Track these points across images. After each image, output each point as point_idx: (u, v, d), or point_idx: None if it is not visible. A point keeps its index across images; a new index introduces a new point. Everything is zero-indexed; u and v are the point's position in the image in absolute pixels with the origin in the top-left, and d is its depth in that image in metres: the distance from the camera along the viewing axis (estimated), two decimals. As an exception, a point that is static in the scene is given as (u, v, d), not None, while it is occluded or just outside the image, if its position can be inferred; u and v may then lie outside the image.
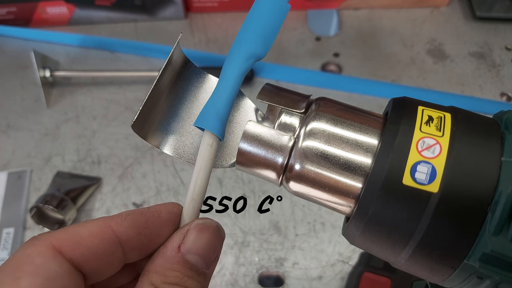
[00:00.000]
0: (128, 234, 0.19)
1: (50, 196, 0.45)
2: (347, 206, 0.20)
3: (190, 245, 0.20)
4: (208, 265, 0.20)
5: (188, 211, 0.21)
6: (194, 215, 0.21)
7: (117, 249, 0.19)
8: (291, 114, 0.21)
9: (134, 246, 0.20)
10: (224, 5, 0.63)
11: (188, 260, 0.19)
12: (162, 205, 0.21)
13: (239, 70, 0.21)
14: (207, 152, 0.21)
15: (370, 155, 0.19)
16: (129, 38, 0.62)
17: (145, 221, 0.20)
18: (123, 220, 0.19)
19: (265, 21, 0.21)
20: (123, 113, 0.55)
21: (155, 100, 0.22)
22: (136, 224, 0.20)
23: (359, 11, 0.64)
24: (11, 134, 0.54)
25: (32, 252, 0.17)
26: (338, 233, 0.46)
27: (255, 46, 0.21)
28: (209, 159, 0.21)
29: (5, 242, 0.46)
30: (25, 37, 0.63)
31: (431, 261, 0.19)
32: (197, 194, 0.21)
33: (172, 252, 0.20)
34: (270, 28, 0.21)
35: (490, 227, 0.17)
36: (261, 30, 0.21)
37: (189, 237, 0.20)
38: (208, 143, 0.21)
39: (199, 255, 0.20)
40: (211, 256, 0.20)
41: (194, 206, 0.21)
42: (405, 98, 0.21)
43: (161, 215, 0.20)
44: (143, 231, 0.20)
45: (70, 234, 0.18)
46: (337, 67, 0.59)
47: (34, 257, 0.17)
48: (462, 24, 0.62)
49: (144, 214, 0.20)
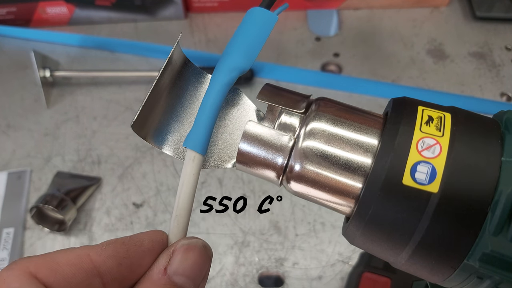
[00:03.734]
0: (107, 265, 0.19)
1: (50, 196, 0.45)
2: (347, 206, 0.20)
3: (176, 266, 0.19)
4: (196, 285, 0.20)
5: (173, 229, 0.21)
6: (179, 233, 0.21)
7: (95, 280, 0.19)
8: (291, 114, 0.21)
9: (114, 277, 0.19)
10: (224, 5, 0.63)
11: (175, 282, 0.19)
12: (145, 234, 0.20)
13: (221, 83, 0.21)
14: (189, 167, 0.21)
15: (370, 155, 0.19)
16: (129, 38, 0.62)
17: (126, 250, 0.19)
18: (103, 250, 0.19)
19: (248, 35, 0.22)
20: (123, 113, 0.55)
21: (155, 100, 0.22)
22: (116, 254, 0.19)
23: (359, 11, 0.64)
24: (11, 134, 0.54)
25: (8, 276, 0.17)
26: (338, 233, 0.46)
27: (238, 59, 0.22)
28: (192, 173, 0.21)
29: (5, 242, 0.46)
30: (25, 37, 0.63)
31: (431, 261, 0.19)
32: (181, 210, 0.21)
33: (159, 274, 0.19)
34: (253, 41, 0.22)
35: (490, 227, 0.17)
36: (244, 44, 0.22)
37: (175, 258, 0.20)
38: (190, 158, 0.21)
39: (187, 276, 0.19)
40: (199, 276, 0.20)
41: (179, 223, 0.21)
42: (405, 98, 0.21)
43: (143, 244, 0.20)
44: (124, 261, 0.19)
45: (47, 261, 0.18)
46: (337, 67, 0.59)
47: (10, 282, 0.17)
48: (462, 24, 0.62)
49: (126, 243, 0.20)
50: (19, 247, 0.46)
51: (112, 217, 0.48)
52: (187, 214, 0.21)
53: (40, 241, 0.46)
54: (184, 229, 0.21)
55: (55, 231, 0.46)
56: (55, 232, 0.46)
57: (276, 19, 0.22)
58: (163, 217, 0.47)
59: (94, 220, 0.47)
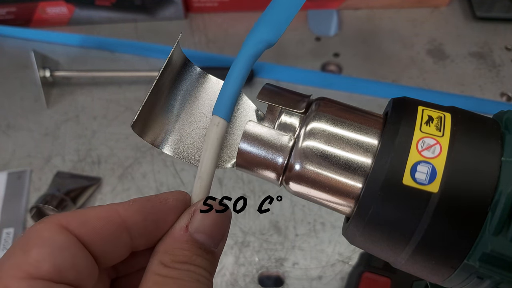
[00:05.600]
0: (134, 219, 0.20)
1: (50, 196, 0.45)
2: (347, 206, 0.20)
3: (197, 224, 0.20)
4: (216, 244, 0.21)
5: (195, 190, 0.21)
6: (201, 194, 0.21)
7: (123, 233, 0.20)
8: (291, 114, 0.21)
9: (140, 231, 0.20)
10: (224, 5, 0.63)
11: (196, 239, 0.20)
12: (170, 193, 0.21)
13: (248, 53, 0.22)
14: (214, 132, 0.21)
15: (370, 155, 0.19)
16: (129, 38, 0.62)
17: (151, 207, 0.20)
18: (130, 206, 0.20)
19: (278, 9, 0.23)
20: (123, 113, 0.55)
21: (155, 100, 0.22)
22: (142, 209, 0.20)
23: (359, 11, 0.64)
24: (11, 134, 0.54)
25: (40, 228, 0.18)
26: (338, 233, 0.46)
27: (265, 32, 0.22)
28: (215, 138, 0.21)
29: (5, 242, 0.46)
30: (25, 37, 0.63)
31: (431, 261, 0.19)
32: (204, 173, 0.21)
33: (180, 231, 0.20)
34: (282, 16, 0.23)
35: (490, 227, 0.17)
36: (273, 17, 0.22)
37: (196, 217, 0.20)
38: (214, 123, 0.21)
39: (207, 234, 0.20)
40: (219, 234, 0.21)
41: (201, 185, 0.21)
42: (405, 98, 0.21)
43: (168, 202, 0.21)
44: (149, 217, 0.20)
45: (77, 215, 0.19)
46: (337, 67, 0.59)
47: (42, 232, 0.18)
48: (462, 24, 0.62)
49: (151, 200, 0.21)
50: (19, 247, 0.46)
51: (112, 217, 0.47)
52: (209, 177, 0.21)
53: (40, 241, 0.46)
54: (206, 191, 0.21)
55: (55, 231, 0.46)
56: (55, 232, 0.46)
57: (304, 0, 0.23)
58: (163, 217, 0.47)
59: (94, 220, 0.47)
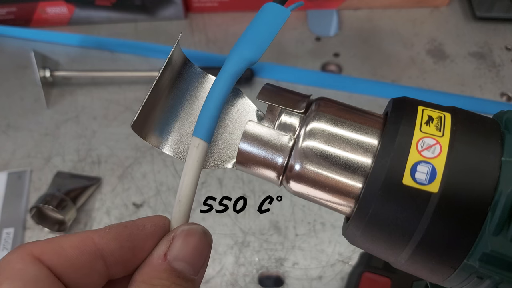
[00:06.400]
0: (110, 247, 0.19)
1: (50, 196, 0.45)
2: (347, 206, 0.20)
3: (176, 252, 0.19)
4: (196, 271, 0.20)
5: (175, 215, 0.21)
6: (181, 219, 0.21)
7: (99, 262, 0.19)
8: (291, 114, 0.21)
9: (117, 260, 0.19)
10: (224, 5, 0.63)
11: (175, 267, 0.19)
12: (148, 218, 0.21)
13: (229, 72, 0.21)
14: (194, 154, 0.21)
15: (370, 155, 0.19)
16: (129, 38, 0.62)
17: (128, 234, 0.20)
18: (105, 233, 0.19)
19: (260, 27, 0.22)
20: (123, 113, 0.55)
21: (155, 100, 0.22)
22: (118, 237, 0.19)
23: (359, 11, 0.64)
24: (11, 134, 0.54)
25: (12, 259, 0.18)
26: (338, 233, 0.46)
27: (247, 50, 0.22)
28: (195, 160, 0.21)
29: (5, 242, 0.46)
30: (25, 37, 0.63)
31: (431, 261, 0.19)
32: (183, 197, 0.21)
33: (158, 260, 0.19)
34: (264, 34, 0.22)
35: (490, 227, 0.17)
36: (254, 36, 0.22)
37: (175, 243, 0.20)
38: (194, 145, 0.21)
39: (186, 261, 0.19)
40: (199, 262, 0.20)
41: (181, 209, 0.21)
42: (405, 98, 0.21)
43: (145, 228, 0.20)
44: (126, 244, 0.19)
45: (51, 244, 0.18)
46: (337, 67, 0.59)
47: (14, 264, 0.17)
48: (462, 24, 0.62)
49: (128, 227, 0.20)
50: (19, 247, 0.46)
51: (112, 217, 0.48)
52: (189, 200, 0.21)
53: (40, 241, 0.46)
54: (185, 215, 0.21)
55: (55, 231, 0.46)
56: (55, 232, 0.46)
57: (289, 14, 0.22)
58: (163, 217, 0.47)
59: (94, 220, 0.47)
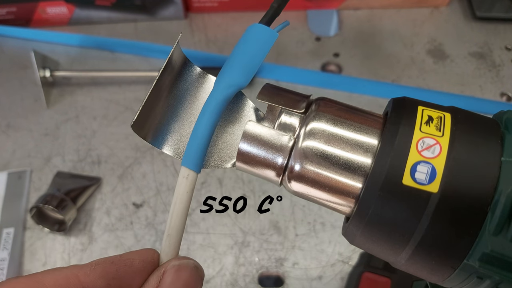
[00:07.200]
0: (96, 285, 0.18)
1: (50, 196, 0.45)
2: (347, 206, 0.20)
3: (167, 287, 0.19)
4: None
5: (165, 248, 0.20)
6: (171, 253, 0.20)
7: None
8: (291, 114, 0.21)
9: None
10: (224, 5, 0.63)
11: None
12: (136, 253, 0.20)
13: (217, 99, 0.21)
14: (183, 185, 0.20)
15: (370, 155, 0.19)
16: (129, 38, 0.62)
17: (115, 270, 0.19)
18: (91, 270, 0.19)
19: (247, 51, 0.21)
20: (123, 113, 0.55)
21: (155, 100, 0.22)
22: (105, 274, 0.19)
23: (359, 11, 0.64)
24: (11, 134, 0.54)
25: None
26: (338, 233, 0.46)
27: (235, 76, 0.21)
28: (185, 191, 0.20)
29: (5, 242, 0.46)
30: (25, 37, 0.63)
31: (431, 261, 0.19)
32: (173, 229, 0.20)
33: None
34: (252, 58, 0.21)
35: (490, 227, 0.17)
36: (242, 60, 0.21)
37: (166, 279, 0.19)
38: (183, 176, 0.20)
39: None
40: None
41: (171, 243, 0.20)
42: (405, 98, 0.21)
43: (133, 264, 0.19)
44: (113, 282, 0.19)
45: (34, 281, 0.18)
46: (337, 67, 0.59)
47: None
48: (462, 24, 0.62)
49: (115, 263, 0.19)
50: (19, 247, 0.46)
51: (112, 217, 0.48)
52: (179, 233, 0.20)
53: (40, 241, 0.46)
54: (176, 248, 0.20)
55: (55, 231, 0.46)
56: (55, 232, 0.46)
57: (276, 37, 0.22)
58: (163, 217, 0.47)
59: (94, 220, 0.47)
